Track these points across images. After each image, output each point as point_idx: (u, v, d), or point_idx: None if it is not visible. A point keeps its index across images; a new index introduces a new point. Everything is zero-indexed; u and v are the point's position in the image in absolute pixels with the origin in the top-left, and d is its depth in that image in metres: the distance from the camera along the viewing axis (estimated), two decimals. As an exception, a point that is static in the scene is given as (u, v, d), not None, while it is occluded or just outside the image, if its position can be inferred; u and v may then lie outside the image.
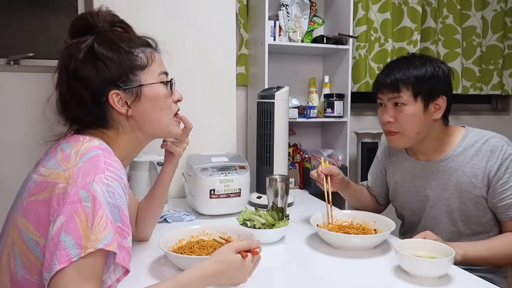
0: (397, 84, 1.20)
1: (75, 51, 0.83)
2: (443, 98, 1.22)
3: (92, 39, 0.84)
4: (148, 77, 0.89)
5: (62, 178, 0.74)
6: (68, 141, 0.84)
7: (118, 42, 0.86)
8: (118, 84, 0.85)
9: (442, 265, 0.95)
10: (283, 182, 1.39)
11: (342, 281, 0.99)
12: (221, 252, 0.85)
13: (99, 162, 0.77)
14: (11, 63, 2.09)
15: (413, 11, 2.56)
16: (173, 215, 1.45)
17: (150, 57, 0.91)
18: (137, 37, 0.91)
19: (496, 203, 1.19)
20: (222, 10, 1.79)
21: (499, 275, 1.29)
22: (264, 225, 1.22)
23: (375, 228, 1.25)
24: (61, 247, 0.68)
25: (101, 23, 0.87)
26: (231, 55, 1.84)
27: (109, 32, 0.87)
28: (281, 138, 1.66)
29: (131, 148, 0.93)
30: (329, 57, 2.48)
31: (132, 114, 0.88)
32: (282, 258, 1.14)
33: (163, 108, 0.93)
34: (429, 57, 1.25)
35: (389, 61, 1.28)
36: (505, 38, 2.83)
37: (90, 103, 0.84)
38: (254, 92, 2.14)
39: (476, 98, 2.95)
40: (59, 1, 2.21)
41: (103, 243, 0.69)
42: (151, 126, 0.92)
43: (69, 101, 0.85)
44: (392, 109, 1.23)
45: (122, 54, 0.85)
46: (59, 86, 0.86)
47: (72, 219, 0.69)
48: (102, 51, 0.83)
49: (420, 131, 1.23)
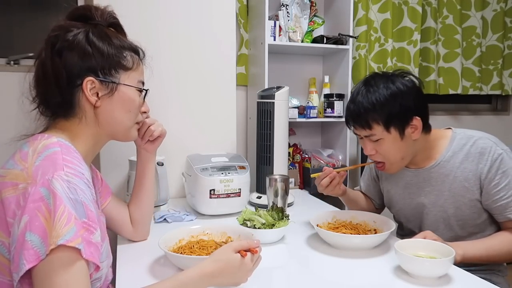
0: (367, 123, 1.18)
1: (65, 32, 0.86)
2: (417, 118, 1.18)
3: (88, 27, 0.88)
4: (127, 79, 0.92)
5: (21, 179, 0.74)
6: (27, 141, 0.84)
7: (112, 37, 0.90)
8: (97, 73, 0.87)
9: (442, 265, 0.95)
10: (283, 182, 1.39)
11: (342, 281, 0.99)
12: (220, 252, 0.85)
13: (57, 159, 0.77)
14: (11, 63, 2.08)
15: (413, 11, 2.56)
16: (173, 215, 1.45)
17: (136, 63, 0.95)
18: (129, 42, 0.95)
19: (490, 204, 1.19)
20: (222, 10, 1.78)
21: (498, 275, 1.29)
22: (264, 225, 1.22)
23: (375, 228, 1.25)
24: (28, 246, 0.67)
25: (99, 18, 0.91)
26: (231, 55, 1.84)
27: (105, 28, 0.91)
28: (281, 138, 1.66)
29: (91, 143, 0.92)
30: (329, 57, 2.48)
31: (100, 106, 0.89)
32: (282, 258, 1.14)
33: (130, 111, 0.95)
34: (392, 77, 1.20)
35: (355, 89, 1.23)
36: (505, 38, 2.84)
37: (64, 82, 0.85)
38: (254, 92, 2.14)
39: (476, 98, 2.96)
40: (59, 1, 2.21)
41: (64, 239, 0.68)
42: (112, 124, 0.93)
43: (45, 76, 0.86)
44: (370, 143, 1.22)
45: (112, 49, 0.89)
46: (40, 61, 0.87)
47: (36, 217, 0.69)
48: (95, 40, 0.87)
49: (404, 156, 1.22)
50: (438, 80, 2.69)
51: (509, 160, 1.18)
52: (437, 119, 2.84)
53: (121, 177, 1.65)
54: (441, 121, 2.83)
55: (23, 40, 2.17)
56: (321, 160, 2.32)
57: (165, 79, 1.70)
